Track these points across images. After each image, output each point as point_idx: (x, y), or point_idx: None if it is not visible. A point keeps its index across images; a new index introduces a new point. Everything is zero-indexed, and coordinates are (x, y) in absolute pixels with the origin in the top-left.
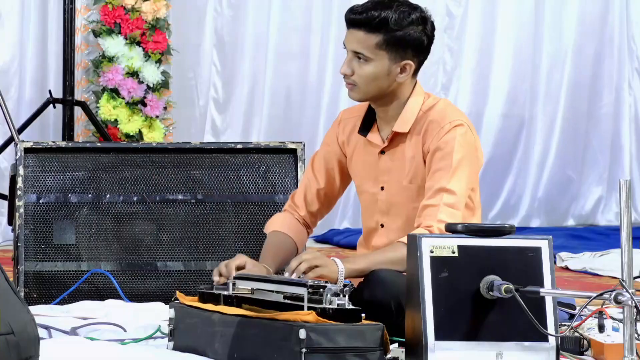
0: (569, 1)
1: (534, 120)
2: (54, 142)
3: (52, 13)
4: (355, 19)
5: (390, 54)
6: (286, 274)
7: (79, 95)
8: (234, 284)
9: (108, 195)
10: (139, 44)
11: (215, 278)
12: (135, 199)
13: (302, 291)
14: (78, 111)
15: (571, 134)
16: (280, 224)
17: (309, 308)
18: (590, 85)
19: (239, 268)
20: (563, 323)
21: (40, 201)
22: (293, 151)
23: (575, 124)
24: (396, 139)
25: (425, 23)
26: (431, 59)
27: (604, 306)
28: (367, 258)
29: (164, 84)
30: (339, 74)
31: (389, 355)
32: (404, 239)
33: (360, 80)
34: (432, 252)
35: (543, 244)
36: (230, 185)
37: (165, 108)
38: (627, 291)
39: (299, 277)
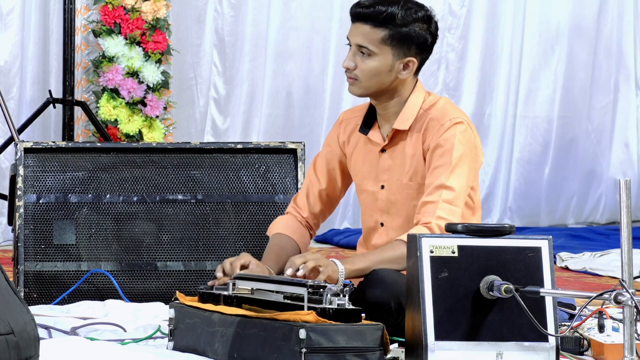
0: (571, 1)
1: (536, 120)
2: (54, 142)
3: (53, 13)
4: (361, 13)
5: (395, 49)
6: (288, 271)
7: (79, 95)
8: (234, 284)
9: (108, 195)
10: (139, 44)
11: (219, 274)
12: (135, 199)
13: (302, 291)
14: (78, 111)
15: (573, 134)
16: (282, 227)
17: (309, 308)
18: (592, 85)
19: (242, 267)
20: (563, 323)
21: (40, 201)
22: (293, 151)
23: (576, 123)
24: (397, 136)
25: (430, 22)
26: (433, 58)
27: (604, 306)
28: (366, 258)
29: (164, 84)
30: (340, 74)
31: (389, 355)
32: (403, 237)
33: (362, 75)
34: (432, 252)
35: (543, 244)
36: (230, 185)
37: (165, 108)
38: (627, 291)
39: (305, 275)
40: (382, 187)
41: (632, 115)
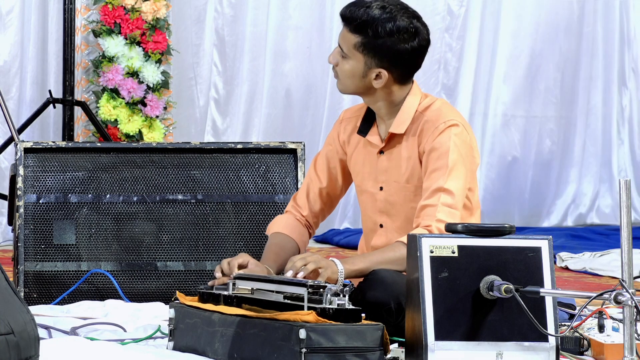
0: (571, 1)
1: (537, 120)
2: (54, 142)
3: (52, 13)
4: (342, 15)
5: (367, 58)
6: (288, 273)
7: (79, 95)
8: (234, 284)
9: (108, 195)
10: (139, 44)
11: (218, 274)
12: (135, 199)
13: (302, 291)
14: (78, 111)
15: (572, 133)
16: (282, 226)
17: (309, 308)
18: (591, 85)
19: (241, 266)
20: (563, 323)
21: (40, 201)
22: (293, 151)
23: (575, 123)
24: (393, 139)
25: (414, 36)
26: (434, 58)
27: (604, 306)
28: (366, 258)
29: (164, 84)
30: None
31: (389, 355)
32: (403, 239)
33: (340, 74)
34: (432, 252)
35: (543, 244)
36: (230, 185)
37: (165, 108)
38: (627, 291)
39: (304, 277)
40: (381, 188)
41: (628, 113)
